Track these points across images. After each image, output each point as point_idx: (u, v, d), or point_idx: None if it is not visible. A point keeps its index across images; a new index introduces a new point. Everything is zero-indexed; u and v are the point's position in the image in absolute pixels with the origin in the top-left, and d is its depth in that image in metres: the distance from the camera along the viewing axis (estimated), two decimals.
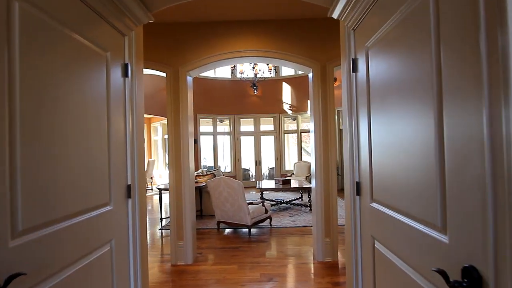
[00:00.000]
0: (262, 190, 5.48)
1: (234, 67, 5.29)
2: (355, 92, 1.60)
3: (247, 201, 4.22)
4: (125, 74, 1.56)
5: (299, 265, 2.87)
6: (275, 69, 5.60)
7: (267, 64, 5.19)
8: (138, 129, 1.66)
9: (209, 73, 8.90)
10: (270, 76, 5.63)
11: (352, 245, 1.59)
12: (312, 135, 3.09)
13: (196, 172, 5.95)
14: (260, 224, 4.18)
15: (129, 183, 1.56)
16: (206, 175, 5.41)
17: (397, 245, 1.14)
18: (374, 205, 1.37)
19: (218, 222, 4.20)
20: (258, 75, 5.74)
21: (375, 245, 1.37)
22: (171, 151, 3.04)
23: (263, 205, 4.17)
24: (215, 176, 5.32)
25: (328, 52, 3.06)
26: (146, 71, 3.25)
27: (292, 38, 3.08)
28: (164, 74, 3.13)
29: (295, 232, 4.05)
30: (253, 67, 5.32)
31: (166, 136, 9.94)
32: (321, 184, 2.98)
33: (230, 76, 9.00)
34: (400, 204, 1.11)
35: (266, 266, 2.84)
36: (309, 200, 5.46)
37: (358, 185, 1.58)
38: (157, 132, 10.49)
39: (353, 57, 1.60)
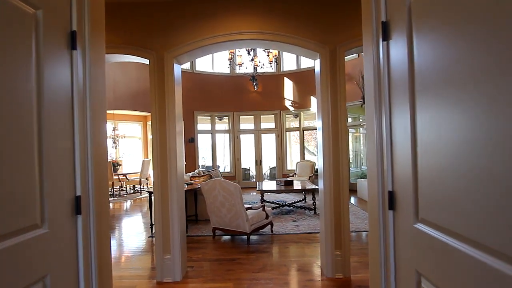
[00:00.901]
0: (262, 192, 5.07)
1: (232, 58, 4.87)
2: (386, 71, 1.17)
3: (246, 205, 3.81)
4: (71, 45, 1.14)
5: (306, 283, 2.46)
6: (276, 61, 5.17)
7: (267, 55, 4.76)
8: (96, 120, 1.25)
9: (206, 68, 8.48)
10: (270, 67, 5.19)
11: (382, 280, 1.17)
12: (319, 132, 2.67)
13: (191, 173, 5.54)
14: (260, 230, 3.77)
15: (78, 194, 1.14)
16: (202, 176, 5.00)
17: None
18: (421, 227, 0.95)
19: (214, 229, 3.79)
20: (258, 68, 5.31)
21: (422, 284, 0.96)
22: (155, 151, 2.63)
23: (264, 209, 3.75)
24: (211, 178, 4.91)
25: (339, 33, 2.63)
26: (131, 59, 2.84)
27: (296, 17, 2.65)
28: (147, 61, 2.71)
29: (299, 239, 3.63)
30: (253, 59, 4.90)
31: None
32: (330, 186, 2.56)
33: (228, 71, 8.58)
34: (472, 232, 0.70)
35: (267, 284, 2.42)
36: (313, 203, 5.04)
37: (391, 196, 1.15)
38: None
39: (384, 20, 1.17)
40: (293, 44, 2.65)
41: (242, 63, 5.07)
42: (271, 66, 5.13)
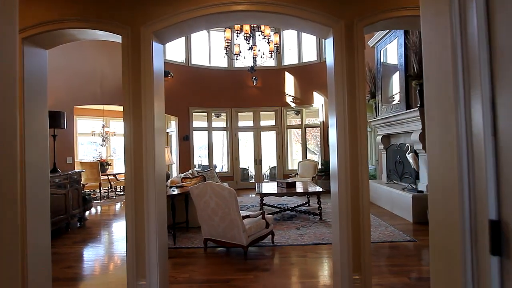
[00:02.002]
0: (262, 196, 4.55)
1: (228, 46, 4.33)
2: (485, 35, 0.66)
3: (244, 212, 3.30)
4: None
5: None
6: (277, 50, 4.64)
7: (267, 42, 4.23)
8: None
9: (202, 62, 7.95)
10: (270, 57, 4.67)
11: None
12: (332, 128, 2.15)
13: (183, 174, 5.03)
14: (259, 241, 3.25)
15: None
16: (194, 177, 4.48)
17: None
18: None
19: (205, 240, 3.28)
20: (258, 59, 4.78)
21: None
22: (127, 152, 2.11)
23: (263, 217, 3.24)
24: (205, 180, 4.39)
25: (358, 3, 2.10)
26: (99, 37, 2.31)
27: None
28: (119, 39, 2.18)
29: (305, 252, 3.12)
30: (251, 47, 4.38)
31: None
32: (347, 191, 2.05)
33: (226, 65, 8.04)
34: None
35: None
36: (319, 208, 4.53)
37: (496, 230, 0.64)
38: None
39: None
40: (299, 16, 2.13)
41: (240, 52, 4.55)
42: (271, 56, 4.62)
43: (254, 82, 7.88)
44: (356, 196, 2.05)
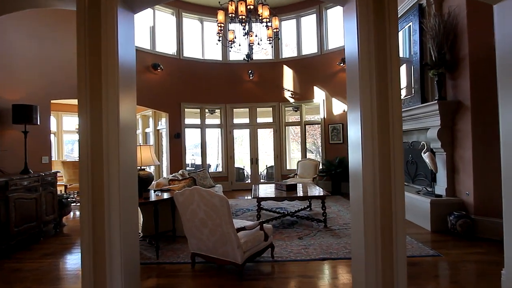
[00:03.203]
0: (259, 200, 4.05)
1: (221, 30, 3.78)
2: None
3: (238, 222, 2.80)
4: None
5: None
6: (276, 36, 4.12)
7: (266, 25, 3.70)
8: None
9: (195, 54, 7.40)
10: (269, 43, 4.15)
11: None
12: (355, 122, 1.66)
13: (172, 175, 4.50)
14: (257, 256, 2.75)
15: None
16: (183, 179, 3.96)
17: None
18: None
19: (193, 255, 2.77)
20: (255, 47, 4.26)
21: None
22: (82, 153, 1.58)
23: (262, 228, 2.74)
24: (194, 182, 3.88)
25: None
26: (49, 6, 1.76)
27: None
28: (74, 5, 1.64)
29: (312, 271, 2.63)
30: (247, 33, 3.86)
31: (147, 130, 8.44)
32: (375, 199, 1.56)
33: (220, 58, 7.51)
34: None
35: None
36: (323, 213, 4.05)
37: None
38: (138, 125, 8.98)
39: None
40: None
41: (234, 39, 4.02)
42: (270, 42, 4.11)
43: (251, 76, 7.37)
44: (387, 205, 1.56)
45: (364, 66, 1.56)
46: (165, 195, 3.18)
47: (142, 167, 3.27)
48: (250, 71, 7.35)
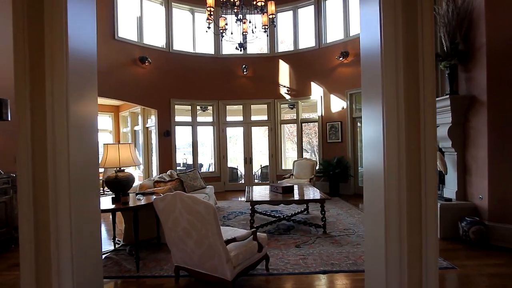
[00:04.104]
0: (253, 204, 3.70)
1: (211, 15, 3.40)
2: None
3: (227, 230, 2.46)
4: None
5: None
6: (272, 23, 3.75)
7: (261, 10, 3.34)
8: None
9: (186, 48, 6.99)
10: (264, 32, 3.79)
11: None
12: (374, 117, 1.32)
13: (158, 176, 4.11)
14: (250, 270, 2.41)
15: None
16: (169, 181, 3.58)
17: None
18: None
19: (177, 268, 2.40)
20: (249, 36, 3.89)
21: None
22: (21, 154, 1.21)
23: (255, 238, 2.40)
24: (182, 184, 3.51)
25: None
26: None
27: None
28: None
29: (311, 286, 2.30)
30: (240, 19, 3.49)
31: (136, 128, 8.00)
32: (400, 212, 1.23)
33: (213, 52, 7.12)
34: None
35: None
36: (323, 218, 3.73)
37: None
38: (127, 123, 8.53)
39: None
40: None
41: (226, 26, 3.63)
42: (265, 31, 3.75)
43: (244, 71, 7.01)
44: (415, 215, 1.23)
45: (388, 41, 1.23)
46: (143, 201, 2.80)
47: (122, 168, 2.89)
48: (244, 66, 6.99)
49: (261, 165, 8.59)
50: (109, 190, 2.78)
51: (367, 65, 1.42)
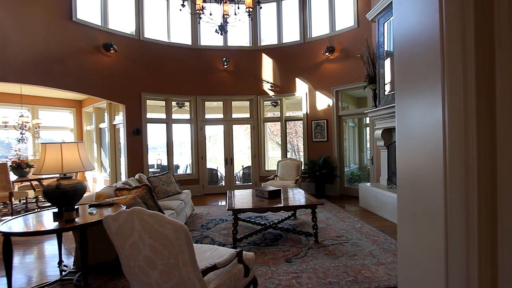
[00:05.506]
0: (236, 212, 3.21)
1: None
2: None
3: (206, 258, 1.96)
4: None
5: None
6: (259, 3, 3.27)
7: None
8: None
9: (159, 36, 6.29)
10: (248, 15, 3.31)
11: None
12: (417, 101, 0.90)
13: (121, 182, 3.47)
14: None
15: None
16: (134, 188, 2.97)
17: None
18: None
19: None
20: (230, 19, 3.37)
21: None
22: None
23: (241, 259, 1.91)
24: (150, 191, 2.93)
25: None
26: None
27: None
28: None
29: None
30: (221, 0, 2.98)
31: (101, 125, 7.13)
32: (467, 233, 0.81)
33: (190, 42, 6.50)
34: None
35: None
36: (314, 225, 3.33)
37: None
38: (91, 119, 7.60)
39: None
40: None
41: (204, 7, 3.10)
42: (249, 15, 3.28)
43: (225, 64, 6.47)
44: (490, 232, 0.82)
45: (453, 11, 0.82)
46: (97, 216, 2.20)
47: (68, 175, 2.25)
48: (224, 59, 6.45)
49: (242, 166, 8.10)
50: (50, 203, 2.14)
51: (409, 47, 1.01)
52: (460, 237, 0.84)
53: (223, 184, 6.92)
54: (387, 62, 4.22)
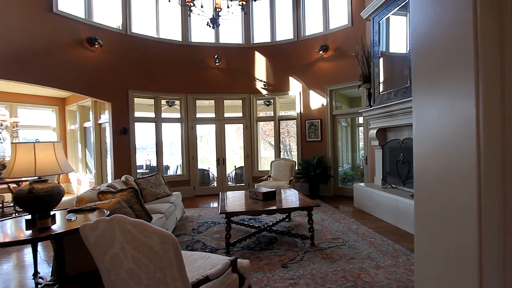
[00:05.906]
0: (229, 216, 3.05)
1: None
2: None
3: (197, 268, 1.80)
4: None
5: None
6: None
7: None
8: None
9: (147, 31, 6.04)
10: (241, 9, 3.16)
11: None
12: (440, 96, 0.77)
13: (106, 185, 3.25)
14: None
15: None
16: (119, 191, 2.76)
17: None
18: None
19: None
20: (223, 12, 3.22)
21: None
22: None
23: (235, 268, 1.76)
24: (137, 194, 2.73)
25: None
26: None
27: None
28: None
29: None
30: None
31: (86, 124, 6.80)
32: (505, 247, 0.69)
33: (180, 38, 6.28)
34: None
35: None
36: (310, 228, 3.21)
37: None
38: (75, 118, 7.24)
39: None
40: None
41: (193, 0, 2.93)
42: (242, 8, 3.13)
43: (217, 62, 6.29)
44: None
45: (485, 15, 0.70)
46: (76, 223, 1.99)
47: (43, 178, 2.03)
48: (216, 56, 6.27)
49: (235, 166, 7.93)
50: (21, 209, 1.92)
51: (429, 43, 0.89)
52: (497, 234, 0.73)
53: (215, 185, 6.73)
54: (382, 61, 4.16)
